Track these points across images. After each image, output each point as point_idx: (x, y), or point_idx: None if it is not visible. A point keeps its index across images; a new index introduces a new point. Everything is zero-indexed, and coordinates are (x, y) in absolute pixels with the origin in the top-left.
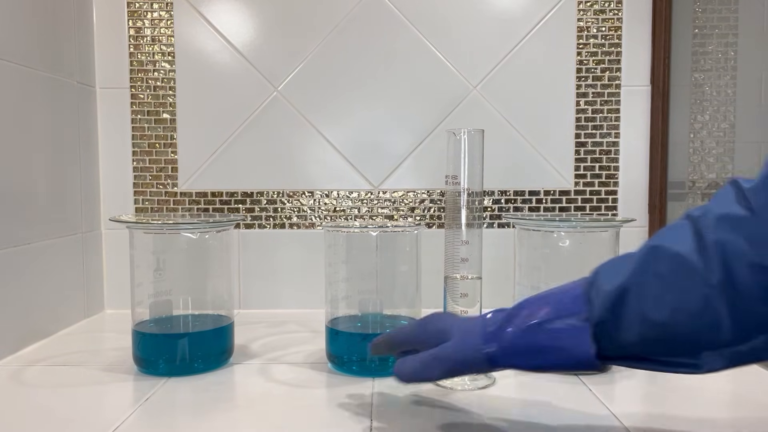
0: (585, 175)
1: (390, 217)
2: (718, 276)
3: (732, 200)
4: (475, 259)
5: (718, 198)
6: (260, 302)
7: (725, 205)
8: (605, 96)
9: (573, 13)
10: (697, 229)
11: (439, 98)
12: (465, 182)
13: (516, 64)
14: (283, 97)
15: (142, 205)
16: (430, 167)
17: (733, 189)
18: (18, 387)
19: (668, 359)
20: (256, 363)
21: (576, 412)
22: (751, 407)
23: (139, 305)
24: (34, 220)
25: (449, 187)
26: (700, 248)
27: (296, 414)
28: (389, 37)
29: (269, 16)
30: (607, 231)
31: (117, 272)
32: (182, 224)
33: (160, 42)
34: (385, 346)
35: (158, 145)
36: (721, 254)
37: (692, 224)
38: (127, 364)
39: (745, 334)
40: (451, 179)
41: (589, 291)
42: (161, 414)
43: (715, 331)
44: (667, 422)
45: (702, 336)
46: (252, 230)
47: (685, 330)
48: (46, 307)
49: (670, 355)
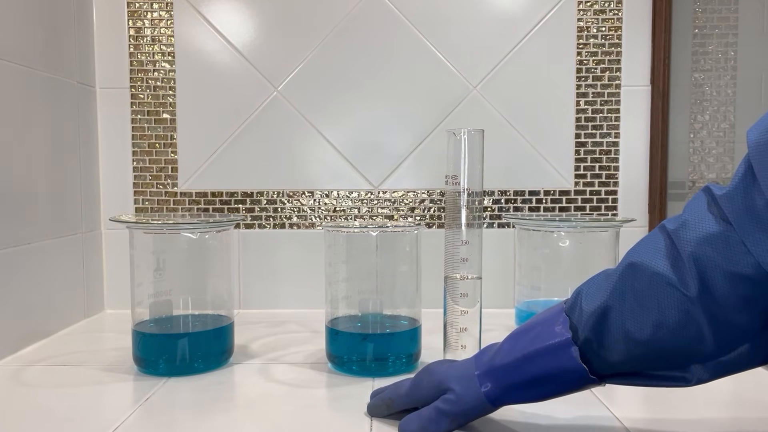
0: (585, 175)
1: (390, 217)
2: (695, 289)
3: (704, 209)
4: (475, 259)
5: (691, 207)
6: (260, 302)
7: (698, 215)
8: (605, 96)
9: (573, 13)
10: (672, 242)
11: (439, 98)
12: (465, 182)
13: (516, 64)
14: (283, 97)
15: (142, 205)
16: (430, 167)
17: (705, 196)
18: (18, 387)
19: (656, 373)
20: (256, 363)
21: (576, 413)
22: (751, 407)
23: (139, 305)
24: (34, 220)
25: (449, 187)
26: (676, 263)
27: (296, 414)
28: (389, 37)
29: (269, 16)
30: (607, 231)
31: (117, 272)
32: (182, 224)
33: (160, 42)
34: (385, 408)
35: (158, 145)
36: (697, 267)
37: (667, 238)
38: (127, 364)
39: (727, 345)
40: (451, 179)
41: (570, 314)
42: (161, 414)
43: (697, 344)
44: (667, 422)
45: (685, 350)
46: (252, 230)
47: (668, 345)
48: (46, 307)
49: (657, 370)
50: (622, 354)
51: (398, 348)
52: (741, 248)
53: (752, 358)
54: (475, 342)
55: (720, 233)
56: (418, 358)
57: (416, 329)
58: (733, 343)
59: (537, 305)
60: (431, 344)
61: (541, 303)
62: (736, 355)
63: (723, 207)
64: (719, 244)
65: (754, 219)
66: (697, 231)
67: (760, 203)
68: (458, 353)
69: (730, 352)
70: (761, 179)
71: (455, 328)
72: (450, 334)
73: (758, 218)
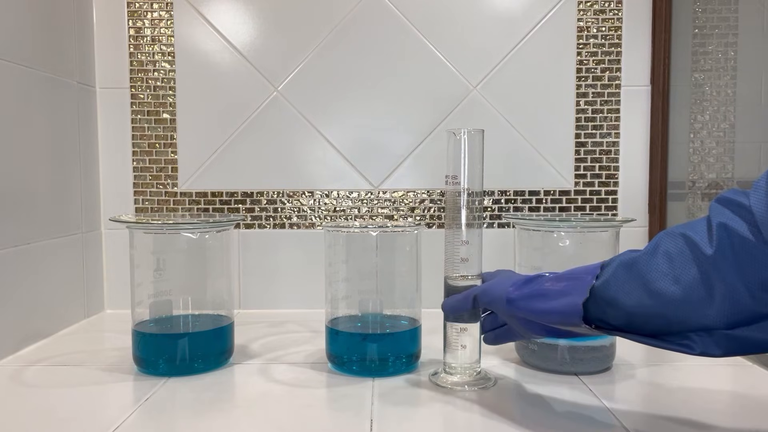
0: (585, 175)
1: (390, 217)
2: (713, 248)
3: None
4: (474, 259)
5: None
6: (260, 302)
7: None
8: (605, 96)
9: (573, 13)
10: (708, 218)
11: (439, 98)
12: (465, 182)
13: (516, 64)
14: (283, 97)
15: (142, 205)
16: (430, 167)
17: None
18: (18, 387)
19: (661, 330)
20: (256, 363)
21: (576, 412)
22: (751, 407)
23: (139, 305)
24: (34, 220)
25: (449, 188)
26: (708, 230)
27: (296, 414)
28: (389, 37)
29: (269, 16)
30: (607, 231)
31: (117, 272)
32: (182, 224)
33: (160, 42)
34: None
35: (158, 145)
36: (720, 231)
37: (707, 218)
38: (127, 364)
39: (733, 316)
40: (451, 179)
41: (603, 264)
42: (161, 414)
43: (705, 306)
44: (667, 422)
45: (693, 311)
46: (252, 230)
47: (679, 302)
48: (46, 307)
49: (663, 327)
50: (635, 301)
51: (398, 348)
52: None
53: (763, 339)
54: (475, 342)
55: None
56: (418, 358)
57: (416, 329)
58: (738, 316)
59: None
60: (431, 344)
61: None
62: (746, 334)
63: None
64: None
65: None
66: (730, 203)
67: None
68: (458, 353)
69: (732, 327)
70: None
71: (455, 328)
72: (450, 334)
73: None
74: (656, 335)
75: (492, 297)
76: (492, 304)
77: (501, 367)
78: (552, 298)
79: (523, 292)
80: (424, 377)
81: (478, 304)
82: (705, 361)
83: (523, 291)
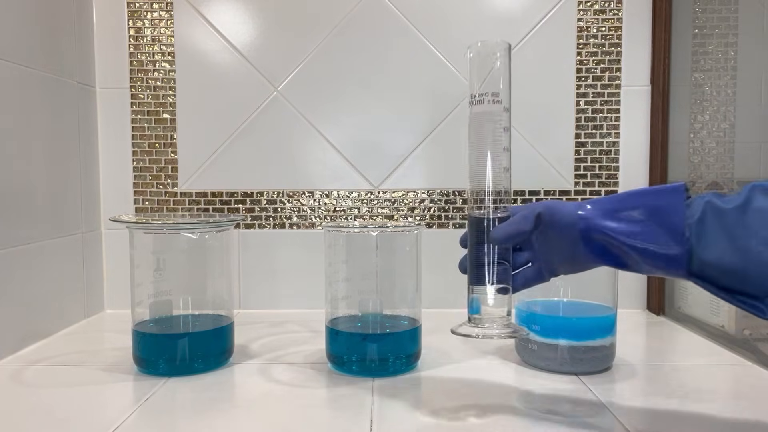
0: (585, 175)
1: (390, 217)
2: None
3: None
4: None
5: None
6: (260, 302)
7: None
8: (605, 96)
9: (573, 13)
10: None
11: (439, 98)
12: (506, 101)
13: (516, 64)
14: (283, 97)
15: (142, 205)
16: (431, 167)
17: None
18: (18, 387)
19: (735, 287)
20: (256, 363)
21: (576, 412)
22: (751, 407)
23: (139, 305)
24: (34, 220)
25: (484, 107)
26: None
27: (296, 414)
28: (389, 37)
29: (269, 16)
30: None
31: (117, 272)
32: (182, 224)
33: (160, 42)
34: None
35: (158, 145)
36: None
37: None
38: (127, 364)
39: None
40: (491, 96)
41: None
42: (161, 414)
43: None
44: (667, 422)
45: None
46: (252, 230)
47: (765, 263)
48: (46, 307)
49: (737, 284)
50: (717, 253)
51: (398, 348)
52: None
53: None
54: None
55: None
56: (418, 358)
57: (416, 329)
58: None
59: (536, 305)
60: (431, 344)
61: (540, 303)
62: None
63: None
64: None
65: None
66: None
67: None
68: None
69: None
70: None
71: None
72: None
73: None
74: (728, 289)
75: (561, 213)
76: (559, 223)
77: (501, 367)
78: (635, 223)
79: (598, 207)
80: (425, 377)
81: (540, 224)
82: (705, 361)
83: (606, 206)
